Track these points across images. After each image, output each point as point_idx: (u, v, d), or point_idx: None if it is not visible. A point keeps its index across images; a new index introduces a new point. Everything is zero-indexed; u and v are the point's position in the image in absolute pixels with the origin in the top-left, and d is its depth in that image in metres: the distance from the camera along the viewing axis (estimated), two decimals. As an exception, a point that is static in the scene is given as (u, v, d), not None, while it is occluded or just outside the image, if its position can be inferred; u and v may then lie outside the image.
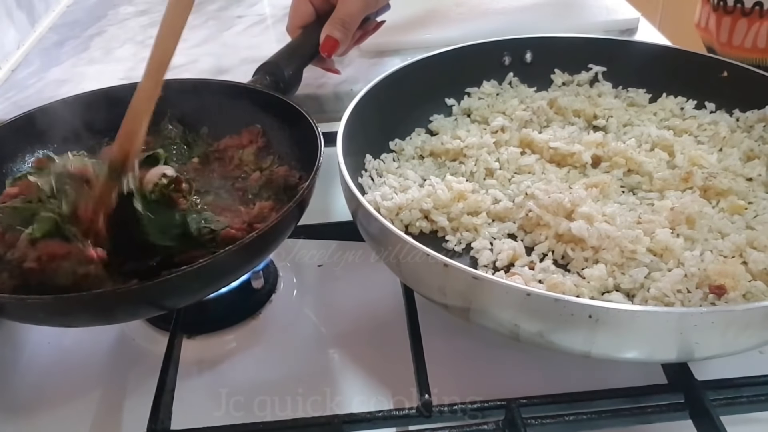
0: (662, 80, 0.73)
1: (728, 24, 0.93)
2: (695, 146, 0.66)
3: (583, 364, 0.51)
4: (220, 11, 1.10)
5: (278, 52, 0.73)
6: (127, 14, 1.11)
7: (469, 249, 0.57)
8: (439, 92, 0.74)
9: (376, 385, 0.54)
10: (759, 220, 0.57)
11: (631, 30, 0.92)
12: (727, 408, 0.48)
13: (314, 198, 0.57)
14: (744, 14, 0.91)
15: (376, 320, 0.60)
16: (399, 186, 0.62)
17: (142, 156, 0.57)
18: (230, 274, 0.53)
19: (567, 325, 0.43)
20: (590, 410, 0.48)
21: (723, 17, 0.94)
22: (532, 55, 0.77)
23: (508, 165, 0.64)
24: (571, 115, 0.72)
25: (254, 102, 0.67)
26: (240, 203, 0.61)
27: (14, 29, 0.99)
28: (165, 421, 0.49)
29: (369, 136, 0.65)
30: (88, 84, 0.87)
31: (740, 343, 0.44)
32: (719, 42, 0.96)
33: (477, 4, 0.98)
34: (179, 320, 0.57)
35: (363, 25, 0.77)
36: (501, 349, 0.55)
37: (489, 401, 0.48)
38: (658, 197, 0.60)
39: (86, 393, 0.55)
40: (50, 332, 0.60)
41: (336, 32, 0.71)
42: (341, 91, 0.83)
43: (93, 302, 0.48)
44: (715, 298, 0.49)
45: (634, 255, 0.52)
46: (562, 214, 0.56)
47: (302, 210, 0.56)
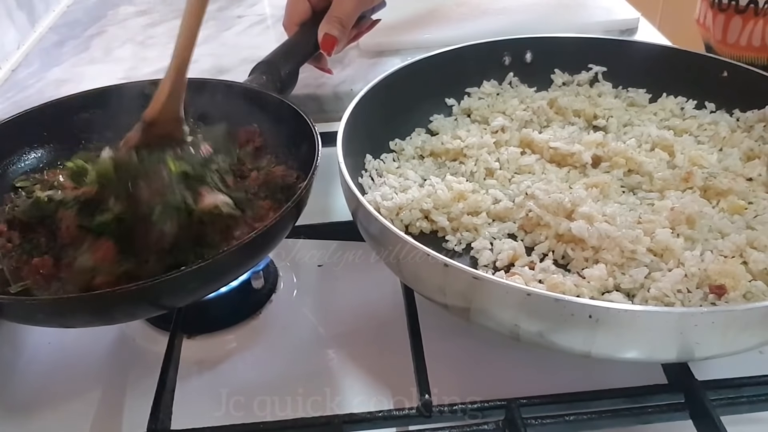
0: (662, 80, 0.73)
1: (722, 21, 0.93)
2: (695, 146, 0.66)
3: (583, 364, 0.51)
4: (220, 11, 1.10)
5: (274, 51, 0.72)
6: (127, 14, 1.11)
7: (469, 249, 0.57)
8: (439, 92, 0.74)
9: (376, 385, 0.54)
10: (759, 220, 0.56)
11: (631, 30, 0.92)
12: (727, 408, 0.48)
13: (314, 198, 0.57)
14: (738, 12, 0.90)
15: (376, 320, 0.60)
16: (399, 186, 0.62)
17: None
18: (228, 274, 0.53)
19: (567, 325, 0.43)
20: (590, 410, 0.48)
21: (718, 14, 0.93)
22: (532, 55, 0.77)
23: (508, 165, 0.64)
24: (571, 115, 0.72)
25: (251, 101, 0.67)
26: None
27: (14, 29, 0.99)
28: (165, 421, 0.49)
29: (369, 136, 0.65)
30: (88, 84, 0.86)
31: (740, 343, 0.44)
32: (715, 39, 0.96)
33: (477, 4, 0.98)
34: (179, 320, 0.57)
35: (358, 23, 0.77)
36: (501, 349, 0.55)
37: (489, 401, 0.48)
38: (658, 197, 0.60)
39: (86, 393, 0.55)
40: (50, 332, 0.60)
41: (334, 30, 0.71)
42: (341, 91, 0.83)
43: (92, 302, 0.48)
44: (715, 298, 0.49)
45: (634, 255, 0.52)
46: (562, 214, 0.56)
47: (300, 210, 0.56)
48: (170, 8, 1.12)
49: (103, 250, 0.52)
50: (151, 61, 0.94)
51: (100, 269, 0.51)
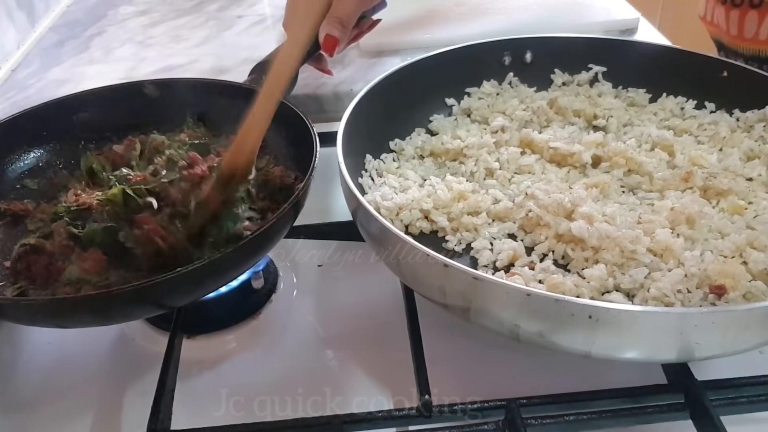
0: (662, 80, 0.73)
1: (737, 17, 0.92)
2: (695, 146, 0.66)
3: (583, 364, 0.51)
4: (220, 11, 1.10)
5: (274, 52, 0.72)
6: (127, 14, 1.11)
7: (469, 249, 0.57)
8: (439, 92, 0.74)
9: (376, 385, 0.54)
10: (759, 220, 0.56)
11: (631, 30, 0.92)
12: (727, 408, 0.48)
13: (314, 198, 0.57)
14: (753, 6, 0.90)
15: (376, 320, 0.60)
16: (399, 186, 0.62)
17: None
18: (228, 274, 0.53)
19: (567, 325, 0.43)
20: (590, 410, 0.48)
21: (731, 10, 0.93)
22: (532, 55, 0.77)
23: (508, 165, 0.64)
24: (571, 115, 0.72)
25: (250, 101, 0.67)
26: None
27: (14, 29, 0.99)
28: (165, 421, 0.49)
29: (369, 136, 0.65)
30: (88, 84, 0.87)
31: (740, 343, 0.44)
32: (729, 35, 0.95)
33: (477, 4, 0.98)
34: (179, 320, 0.57)
35: (358, 24, 0.77)
36: (501, 349, 0.55)
37: (489, 401, 0.48)
38: (658, 197, 0.60)
39: (86, 393, 0.55)
40: (50, 332, 0.60)
41: (335, 30, 0.71)
42: (341, 91, 0.83)
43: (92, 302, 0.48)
44: (715, 298, 0.49)
45: (634, 255, 0.52)
46: (562, 214, 0.56)
47: (298, 211, 0.56)
48: (170, 8, 1.12)
49: (90, 261, 0.52)
50: (151, 61, 0.94)
51: (86, 280, 0.51)
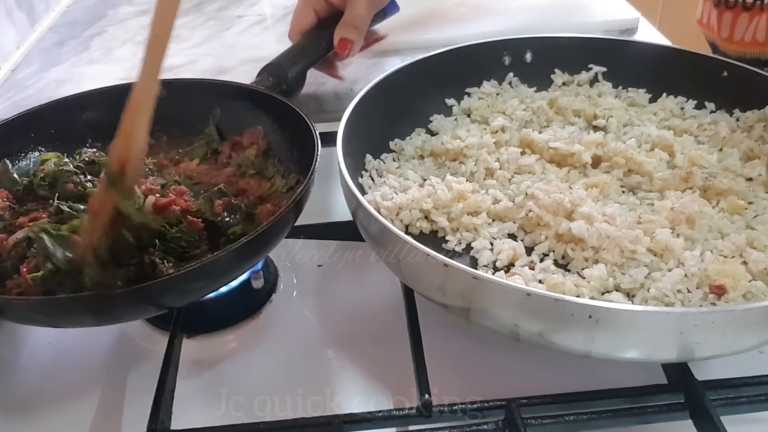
0: (662, 80, 0.73)
1: (729, 19, 0.93)
2: (695, 146, 0.66)
3: (583, 364, 0.51)
4: (220, 11, 1.10)
5: (283, 54, 0.73)
6: (127, 14, 1.11)
7: (469, 249, 0.57)
8: (439, 92, 0.74)
9: (376, 385, 0.54)
10: (759, 220, 0.57)
11: (631, 30, 0.92)
12: (727, 408, 0.48)
13: (314, 198, 0.57)
14: (745, 9, 0.91)
15: (376, 320, 0.60)
16: (399, 186, 0.62)
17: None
18: (228, 274, 0.53)
19: (567, 325, 0.43)
20: (590, 410, 0.48)
21: (725, 12, 0.93)
22: (532, 55, 0.77)
23: (508, 165, 0.64)
24: (571, 115, 0.72)
25: (255, 103, 0.68)
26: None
27: (14, 29, 0.99)
28: (165, 422, 0.49)
29: (369, 136, 0.65)
30: (88, 84, 0.87)
31: (740, 343, 0.44)
32: (721, 37, 0.96)
33: (477, 4, 0.98)
34: (179, 320, 0.57)
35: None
36: (501, 349, 0.55)
37: (489, 401, 0.48)
38: (658, 197, 0.60)
39: (86, 393, 0.55)
40: (50, 332, 0.60)
41: (350, 34, 0.74)
42: (341, 91, 0.83)
43: (92, 302, 0.48)
44: (715, 298, 0.50)
45: (634, 255, 0.52)
46: (562, 214, 0.56)
47: (299, 211, 0.56)
48: (170, 8, 1.12)
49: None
50: (151, 61, 0.94)
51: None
